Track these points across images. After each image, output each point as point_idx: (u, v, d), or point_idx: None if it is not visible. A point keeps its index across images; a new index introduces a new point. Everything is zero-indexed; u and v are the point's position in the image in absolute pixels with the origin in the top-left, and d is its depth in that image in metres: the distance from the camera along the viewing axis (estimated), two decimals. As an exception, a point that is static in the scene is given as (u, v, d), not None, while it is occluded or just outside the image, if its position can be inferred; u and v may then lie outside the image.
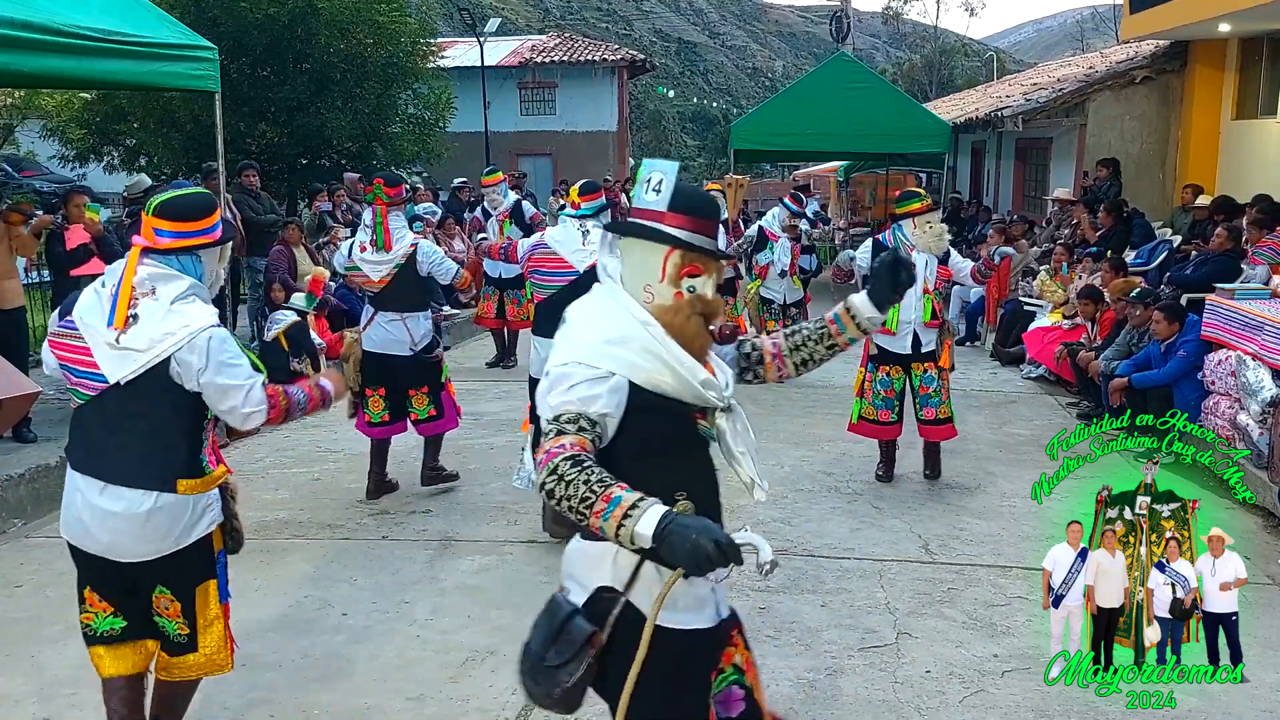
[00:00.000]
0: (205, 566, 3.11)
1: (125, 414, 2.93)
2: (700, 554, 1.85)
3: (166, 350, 2.88)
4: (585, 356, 2.15)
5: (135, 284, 2.92)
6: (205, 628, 3.14)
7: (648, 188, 2.23)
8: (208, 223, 3.04)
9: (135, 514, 2.93)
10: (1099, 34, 52.95)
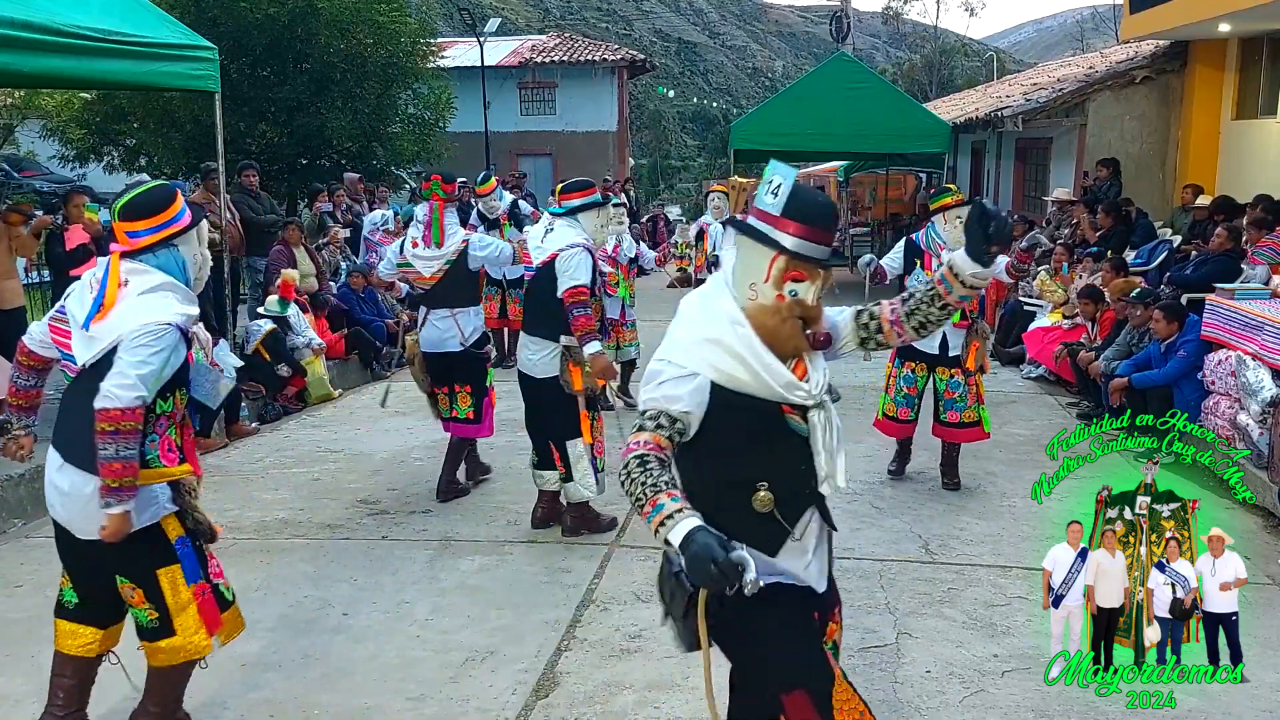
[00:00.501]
0: (161, 553, 3.19)
1: (84, 395, 3.04)
2: (703, 572, 2.03)
3: (117, 336, 3.02)
4: (676, 355, 2.33)
5: (118, 283, 3.10)
6: (179, 611, 3.20)
7: (768, 189, 2.32)
8: (171, 212, 3.17)
9: (80, 494, 3.07)
10: (1099, 34, 52.94)
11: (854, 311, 2.51)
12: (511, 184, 17.92)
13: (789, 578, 2.42)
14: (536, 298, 5.31)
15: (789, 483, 2.36)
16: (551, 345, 5.20)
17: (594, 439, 5.27)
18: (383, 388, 5.77)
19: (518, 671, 3.95)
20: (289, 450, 7.21)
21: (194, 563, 3.25)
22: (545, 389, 5.25)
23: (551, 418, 5.29)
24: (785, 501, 2.35)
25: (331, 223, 11.43)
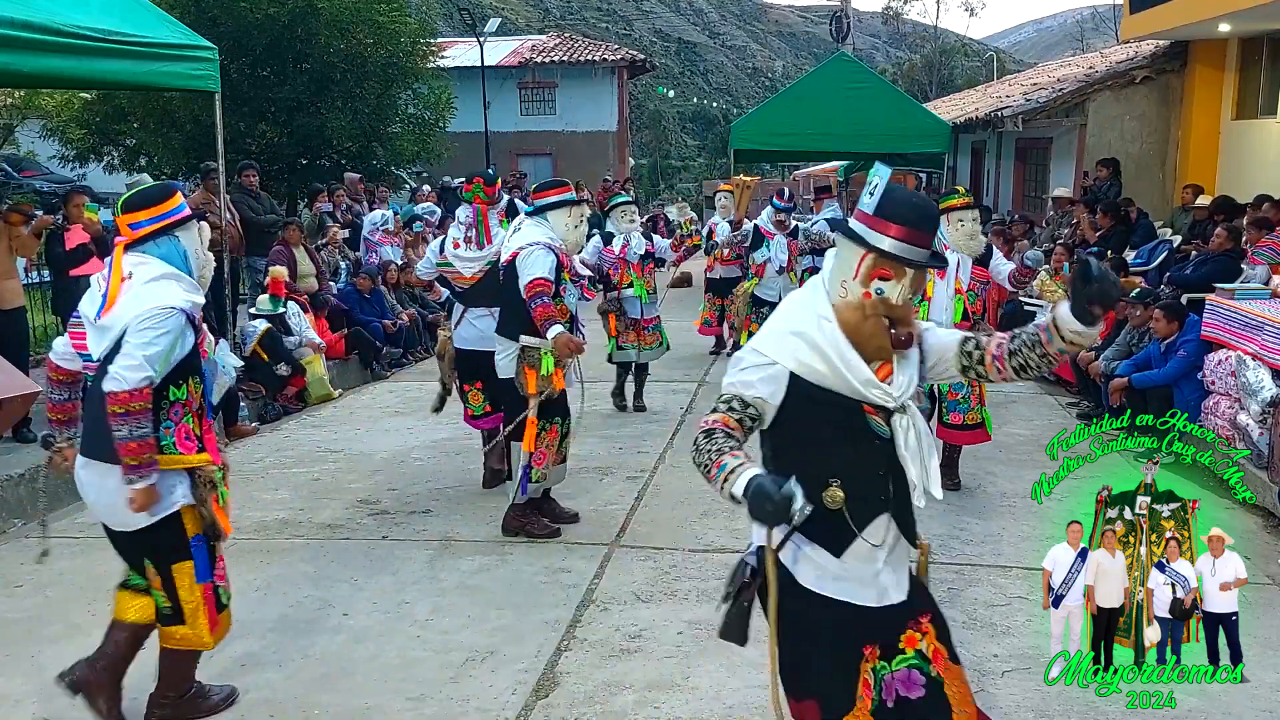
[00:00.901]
0: (178, 546, 3.34)
1: (99, 389, 3.16)
2: (761, 510, 2.13)
3: (124, 324, 3.15)
4: (761, 344, 2.41)
5: (122, 276, 3.24)
6: (188, 604, 3.38)
7: (868, 190, 2.38)
8: (171, 204, 3.34)
9: (104, 487, 3.24)
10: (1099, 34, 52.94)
11: (961, 338, 2.52)
12: (512, 184, 17.92)
13: (850, 592, 2.43)
14: (505, 295, 5.32)
15: (863, 485, 2.38)
16: (512, 345, 5.21)
17: (536, 448, 5.19)
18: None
19: (518, 671, 3.95)
20: (289, 450, 7.21)
21: (205, 562, 3.40)
22: (505, 390, 5.30)
23: (510, 416, 5.32)
24: (856, 503, 2.37)
25: (331, 223, 11.44)
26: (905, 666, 2.45)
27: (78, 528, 5.70)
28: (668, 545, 5.24)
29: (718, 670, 3.94)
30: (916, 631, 2.48)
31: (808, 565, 2.44)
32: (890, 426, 2.38)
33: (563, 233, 5.26)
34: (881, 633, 2.45)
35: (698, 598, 4.59)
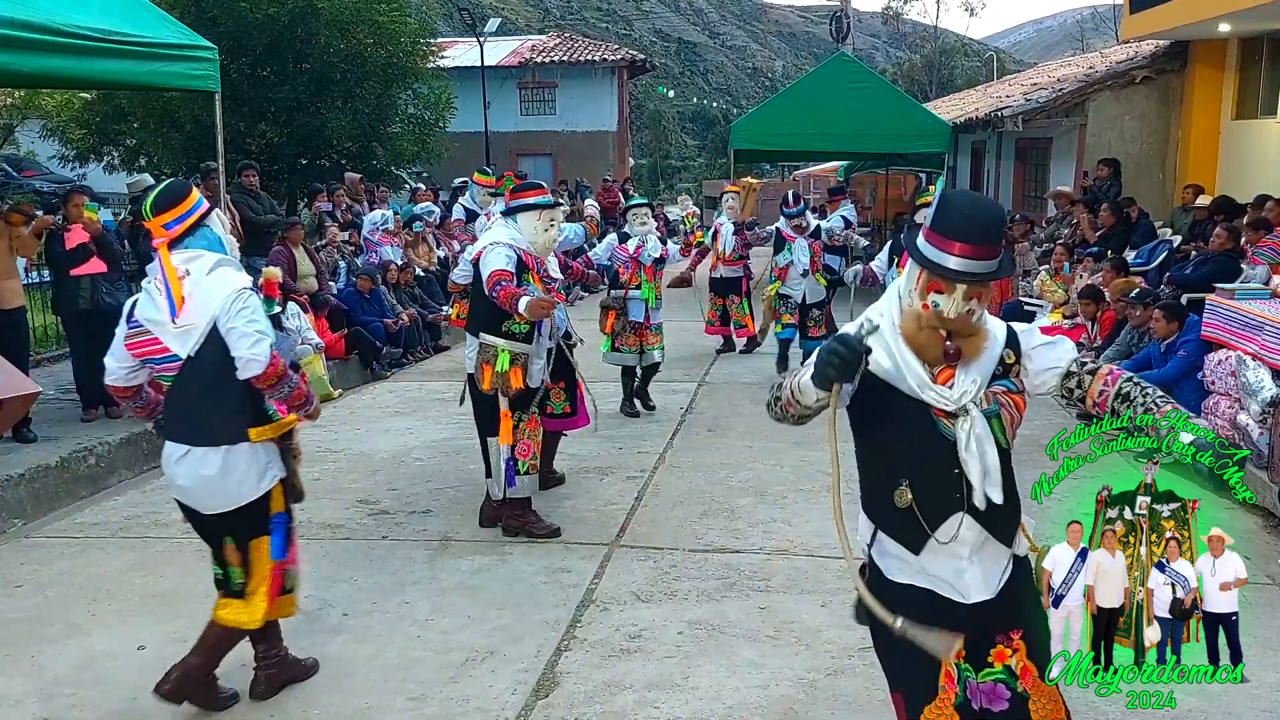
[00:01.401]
0: (259, 524, 3.57)
1: (199, 381, 3.42)
2: (829, 362, 2.30)
3: (211, 317, 3.38)
4: (846, 327, 2.51)
5: (178, 275, 3.41)
6: (256, 581, 3.60)
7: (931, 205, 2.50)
8: (193, 199, 3.53)
9: (210, 472, 3.44)
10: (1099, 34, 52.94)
11: (1065, 370, 2.52)
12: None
13: (940, 584, 2.48)
14: (471, 295, 5.46)
15: (933, 485, 2.43)
16: (474, 342, 5.29)
17: (515, 440, 5.21)
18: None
19: (518, 671, 3.95)
20: (289, 450, 7.21)
21: (282, 541, 3.63)
22: (472, 383, 5.36)
23: (477, 413, 5.36)
24: (927, 502, 2.42)
25: (330, 223, 11.44)
26: (991, 680, 2.49)
27: (77, 528, 5.70)
28: (668, 545, 5.24)
29: (718, 670, 3.94)
30: (1007, 647, 2.51)
31: (892, 561, 2.53)
32: (956, 431, 2.41)
33: (530, 235, 5.24)
34: (966, 629, 2.46)
35: (698, 598, 4.59)
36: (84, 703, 3.77)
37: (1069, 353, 2.54)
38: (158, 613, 4.50)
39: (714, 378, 9.54)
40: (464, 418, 7.96)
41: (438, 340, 11.30)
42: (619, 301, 7.83)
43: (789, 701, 3.70)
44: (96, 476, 6.46)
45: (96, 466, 6.49)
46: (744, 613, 4.43)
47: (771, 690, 3.79)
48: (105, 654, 4.14)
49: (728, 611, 4.44)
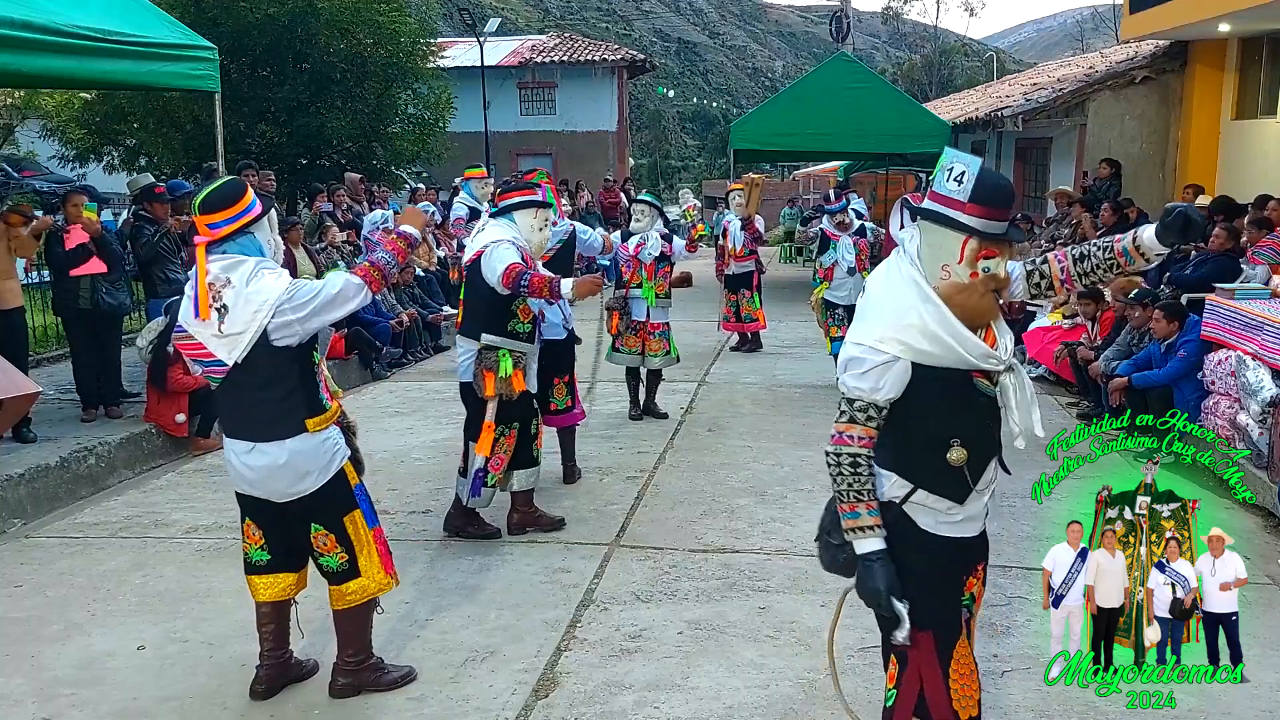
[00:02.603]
0: (346, 499, 3.62)
1: (250, 384, 3.44)
2: (870, 600, 2.52)
3: (259, 325, 3.35)
4: (876, 340, 2.50)
5: (211, 281, 3.37)
6: (361, 551, 3.64)
7: (949, 176, 2.50)
8: (245, 203, 3.44)
9: (279, 464, 3.47)
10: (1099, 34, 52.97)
11: (1024, 270, 2.71)
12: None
13: (961, 529, 2.62)
14: (466, 297, 5.28)
15: (977, 440, 2.58)
16: (473, 346, 5.19)
17: (492, 454, 5.16)
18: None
19: (518, 671, 3.95)
20: (289, 450, 7.20)
21: (369, 507, 3.70)
22: (467, 391, 5.28)
23: (471, 420, 5.30)
24: (973, 456, 2.56)
25: (330, 223, 11.43)
26: (960, 605, 2.69)
27: (77, 528, 5.70)
28: (668, 545, 5.24)
29: (718, 670, 3.94)
30: (974, 577, 2.72)
31: (926, 513, 2.61)
32: (997, 385, 2.57)
33: (526, 233, 5.18)
34: (971, 564, 2.70)
35: (698, 598, 4.59)
36: (84, 703, 3.76)
37: (1018, 264, 2.72)
38: (158, 613, 4.50)
39: (714, 378, 9.54)
40: (463, 417, 7.96)
41: (437, 340, 11.29)
42: (620, 301, 7.76)
43: (789, 701, 3.70)
44: (96, 476, 6.46)
45: (96, 466, 6.48)
46: (744, 613, 4.43)
47: (771, 690, 3.79)
48: (105, 654, 4.13)
49: (728, 611, 4.44)
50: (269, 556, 3.69)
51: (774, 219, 26.96)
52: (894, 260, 2.62)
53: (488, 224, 5.26)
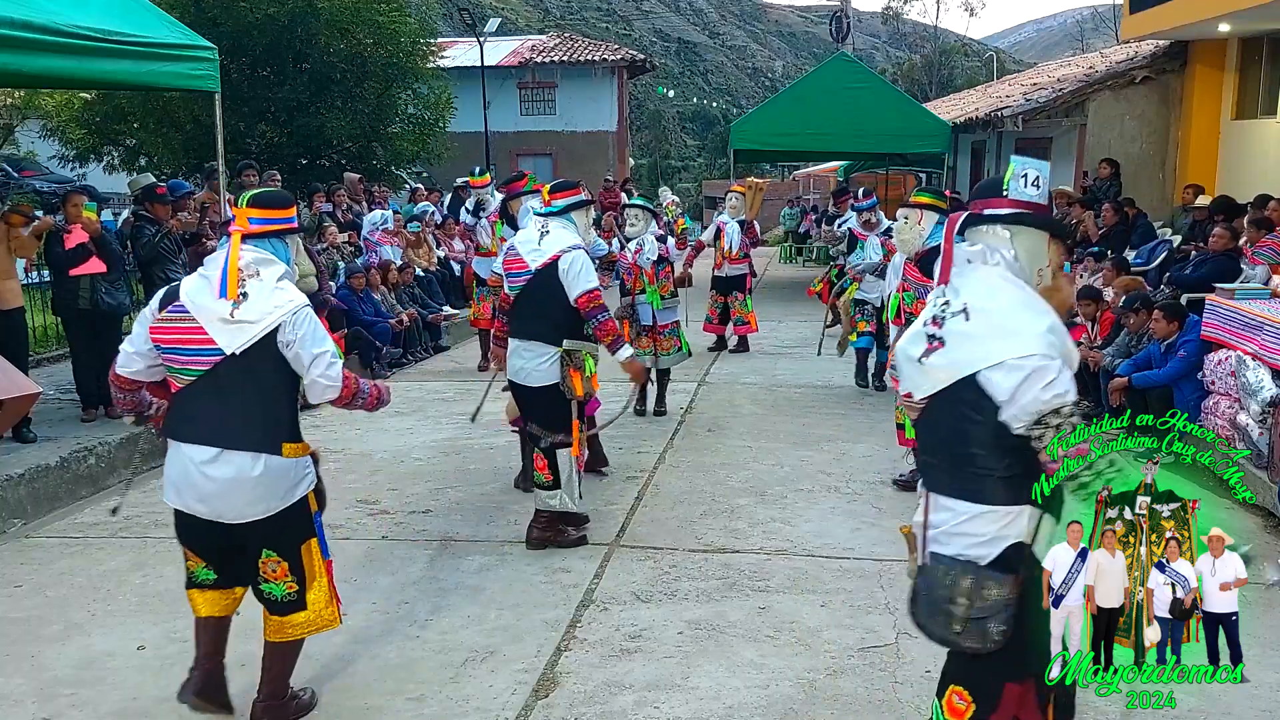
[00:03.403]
0: (306, 526, 3.44)
1: (238, 383, 3.26)
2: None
3: (275, 320, 3.25)
4: (1044, 348, 2.41)
5: (241, 266, 3.29)
6: (312, 583, 3.46)
7: (1025, 183, 2.54)
8: (291, 213, 3.51)
9: (247, 477, 3.26)
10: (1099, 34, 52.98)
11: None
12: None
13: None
14: (535, 301, 5.09)
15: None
16: (550, 350, 5.05)
17: (579, 451, 5.16)
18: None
19: (518, 671, 3.95)
20: (289, 450, 7.20)
21: (324, 537, 3.54)
22: (542, 397, 5.11)
23: (545, 427, 5.13)
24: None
25: (329, 223, 11.44)
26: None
27: (77, 528, 5.70)
28: (668, 545, 5.24)
29: (718, 670, 3.94)
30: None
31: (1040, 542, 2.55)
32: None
33: (583, 233, 5.24)
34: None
35: (698, 598, 4.59)
36: (84, 703, 3.76)
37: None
38: (158, 613, 4.50)
39: (714, 378, 9.54)
40: (463, 418, 7.97)
41: (438, 340, 11.30)
42: (628, 309, 7.79)
43: (789, 701, 3.70)
44: (96, 476, 6.46)
45: (96, 466, 6.48)
46: (744, 613, 4.43)
47: (771, 690, 3.79)
48: (105, 654, 4.14)
49: (728, 611, 4.44)
50: (215, 576, 3.49)
51: (774, 219, 27.00)
52: (991, 271, 2.54)
53: (549, 226, 5.15)
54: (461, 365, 10.42)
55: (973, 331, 2.44)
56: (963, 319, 2.46)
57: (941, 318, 2.47)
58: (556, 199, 5.22)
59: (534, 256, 5.09)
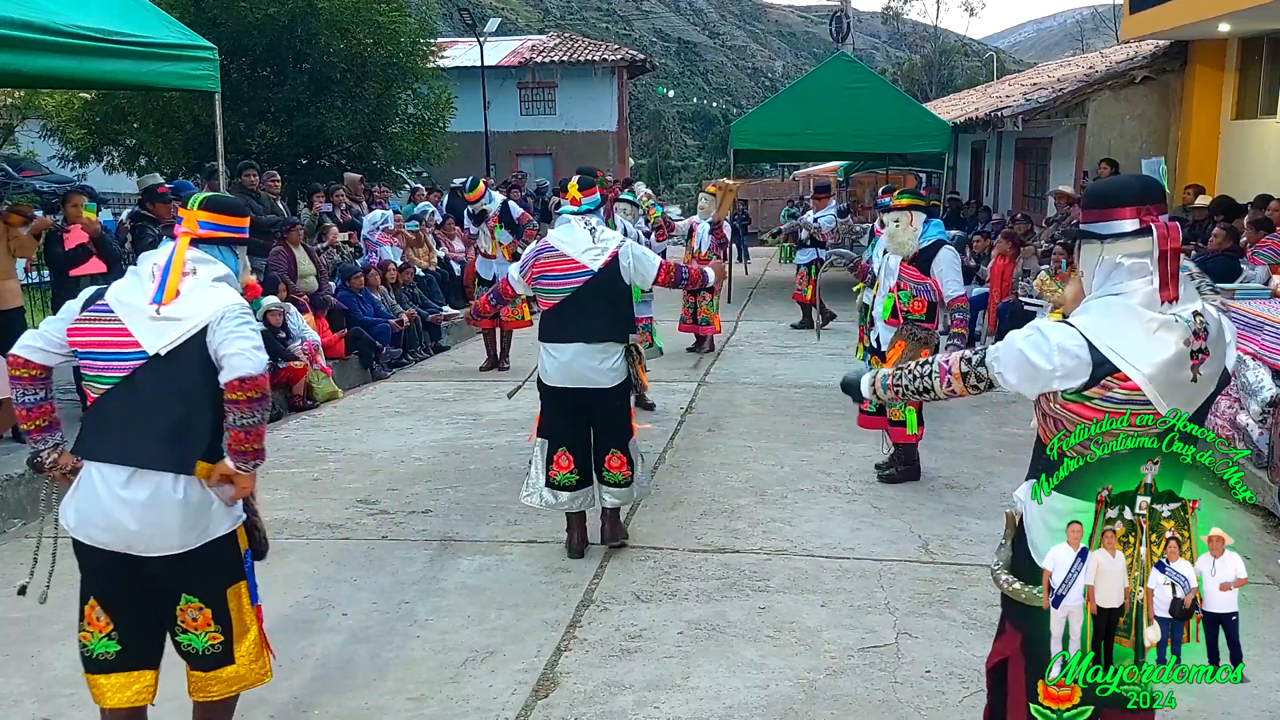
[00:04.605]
0: (233, 567, 3.03)
1: (159, 390, 2.87)
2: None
3: (205, 319, 2.88)
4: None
5: (183, 270, 2.99)
6: (240, 635, 3.04)
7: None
8: (243, 222, 3.22)
9: (168, 501, 2.86)
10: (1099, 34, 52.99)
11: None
12: (515, 184, 17.91)
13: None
14: (601, 300, 4.91)
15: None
16: (619, 349, 4.97)
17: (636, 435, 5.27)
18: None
19: (518, 671, 3.95)
20: (289, 450, 7.21)
21: (254, 581, 3.11)
22: (614, 397, 5.01)
23: (622, 424, 5.10)
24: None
25: (329, 223, 11.45)
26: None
27: (77, 528, 5.70)
28: (668, 545, 5.24)
29: (718, 670, 3.94)
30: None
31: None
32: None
33: (624, 227, 5.36)
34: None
35: (698, 598, 4.59)
36: (84, 702, 3.75)
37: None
38: (158, 613, 4.49)
39: (714, 378, 9.54)
40: (463, 417, 7.99)
41: (438, 340, 11.30)
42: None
43: (789, 701, 3.70)
44: (96, 476, 6.44)
45: (96, 466, 6.47)
46: (744, 613, 4.43)
47: (771, 690, 3.79)
48: (105, 654, 4.13)
49: (728, 611, 4.44)
50: (118, 647, 2.96)
51: (774, 219, 26.99)
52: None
53: (594, 223, 5.06)
54: (461, 365, 10.42)
55: (1216, 335, 2.47)
56: (1211, 325, 2.46)
57: (1203, 330, 2.42)
58: (589, 195, 5.15)
59: (591, 256, 4.92)
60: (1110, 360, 2.39)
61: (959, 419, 7.46)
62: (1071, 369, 2.43)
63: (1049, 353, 2.46)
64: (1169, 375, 2.40)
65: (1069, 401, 2.47)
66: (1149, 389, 2.39)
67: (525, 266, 5.08)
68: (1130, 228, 2.45)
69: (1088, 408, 2.44)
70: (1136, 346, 2.40)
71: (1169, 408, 2.42)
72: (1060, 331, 2.46)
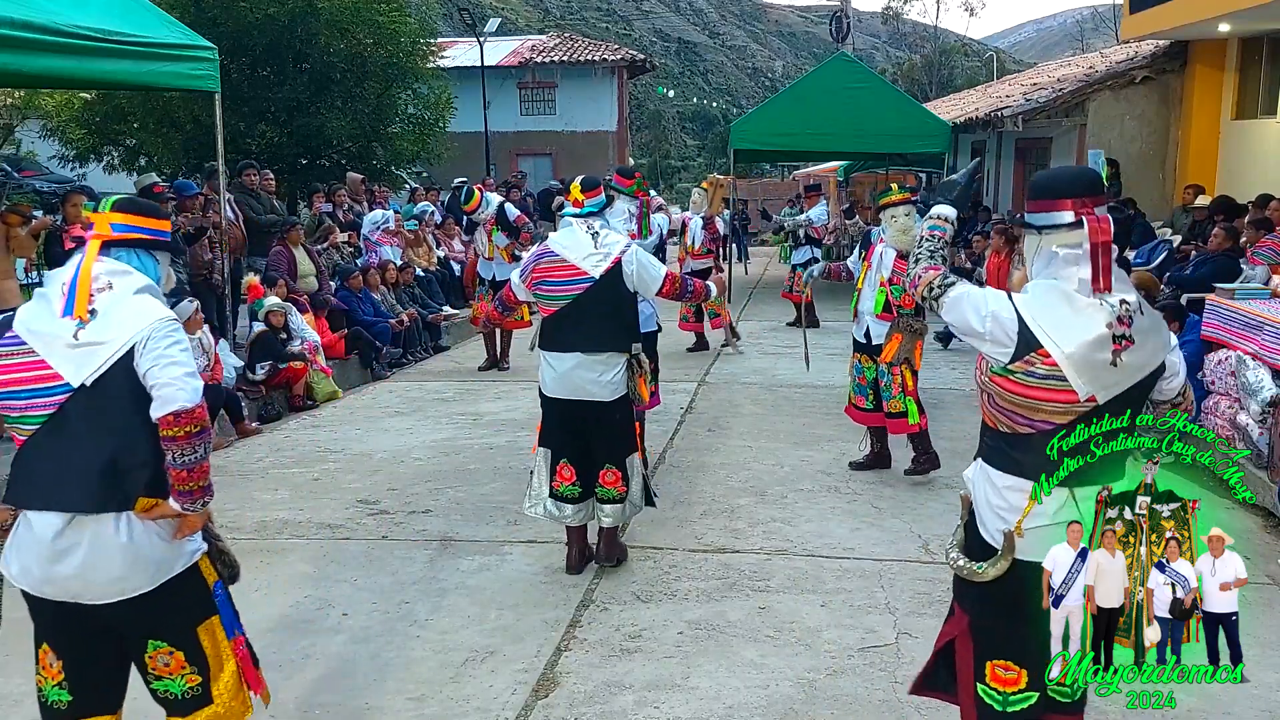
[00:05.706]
0: (200, 603, 2.78)
1: (89, 425, 2.59)
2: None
3: (130, 339, 2.59)
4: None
5: (92, 278, 2.69)
6: (219, 672, 2.80)
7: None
8: (164, 225, 2.91)
9: (104, 545, 2.60)
10: (1099, 34, 53.00)
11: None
12: (514, 184, 17.90)
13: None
14: (603, 308, 4.68)
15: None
16: (621, 359, 4.74)
17: (643, 453, 5.09)
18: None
19: (517, 671, 3.95)
20: (289, 450, 7.21)
21: (231, 611, 2.86)
22: (614, 411, 4.77)
23: (621, 439, 4.83)
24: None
25: (329, 223, 11.45)
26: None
27: (78, 528, 5.70)
28: (668, 545, 5.24)
29: (718, 670, 3.94)
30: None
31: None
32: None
33: (621, 224, 5.29)
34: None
35: (698, 598, 4.59)
36: None
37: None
38: (158, 613, 4.49)
39: (714, 378, 9.54)
40: (463, 417, 7.99)
41: (437, 340, 11.30)
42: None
43: (789, 701, 3.70)
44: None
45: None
46: (744, 613, 4.43)
47: (771, 690, 3.79)
48: (105, 654, 4.13)
49: (728, 611, 4.44)
50: (70, 697, 2.77)
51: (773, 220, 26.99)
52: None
53: (596, 226, 4.82)
54: (461, 365, 10.42)
55: (1147, 327, 2.54)
56: (1141, 316, 2.53)
57: (1128, 317, 2.51)
58: (592, 197, 4.87)
59: (593, 263, 4.67)
60: (1035, 336, 2.51)
61: (959, 419, 7.45)
62: (998, 337, 2.55)
63: (984, 316, 2.59)
64: (1088, 355, 2.50)
65: (997, 375, 2.59)
66: (1066, 366, 2.48)
67: (525, 271, 4.87)
68: (1067, 219, 2.57)
69: (1012, 382, 2.55)
70: (1061, 325, 2.51)
71: (1086, 389, 2.50)
72: (999, 301, 2.59)
